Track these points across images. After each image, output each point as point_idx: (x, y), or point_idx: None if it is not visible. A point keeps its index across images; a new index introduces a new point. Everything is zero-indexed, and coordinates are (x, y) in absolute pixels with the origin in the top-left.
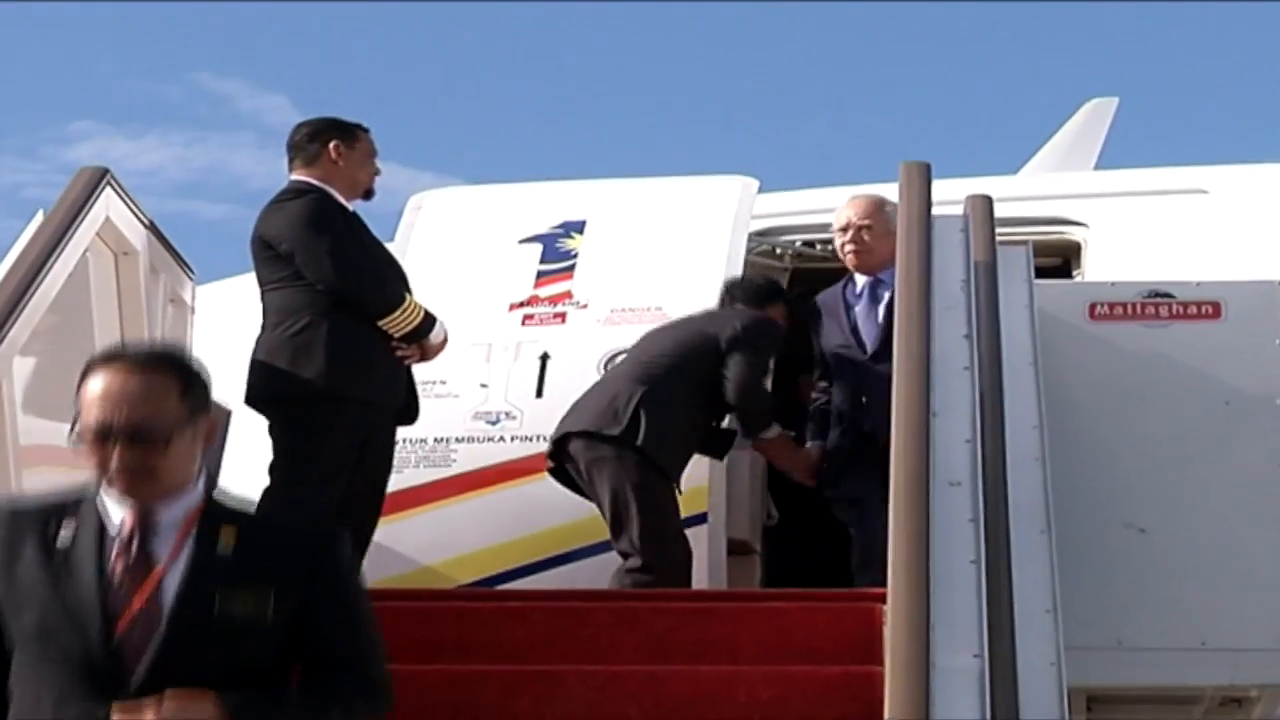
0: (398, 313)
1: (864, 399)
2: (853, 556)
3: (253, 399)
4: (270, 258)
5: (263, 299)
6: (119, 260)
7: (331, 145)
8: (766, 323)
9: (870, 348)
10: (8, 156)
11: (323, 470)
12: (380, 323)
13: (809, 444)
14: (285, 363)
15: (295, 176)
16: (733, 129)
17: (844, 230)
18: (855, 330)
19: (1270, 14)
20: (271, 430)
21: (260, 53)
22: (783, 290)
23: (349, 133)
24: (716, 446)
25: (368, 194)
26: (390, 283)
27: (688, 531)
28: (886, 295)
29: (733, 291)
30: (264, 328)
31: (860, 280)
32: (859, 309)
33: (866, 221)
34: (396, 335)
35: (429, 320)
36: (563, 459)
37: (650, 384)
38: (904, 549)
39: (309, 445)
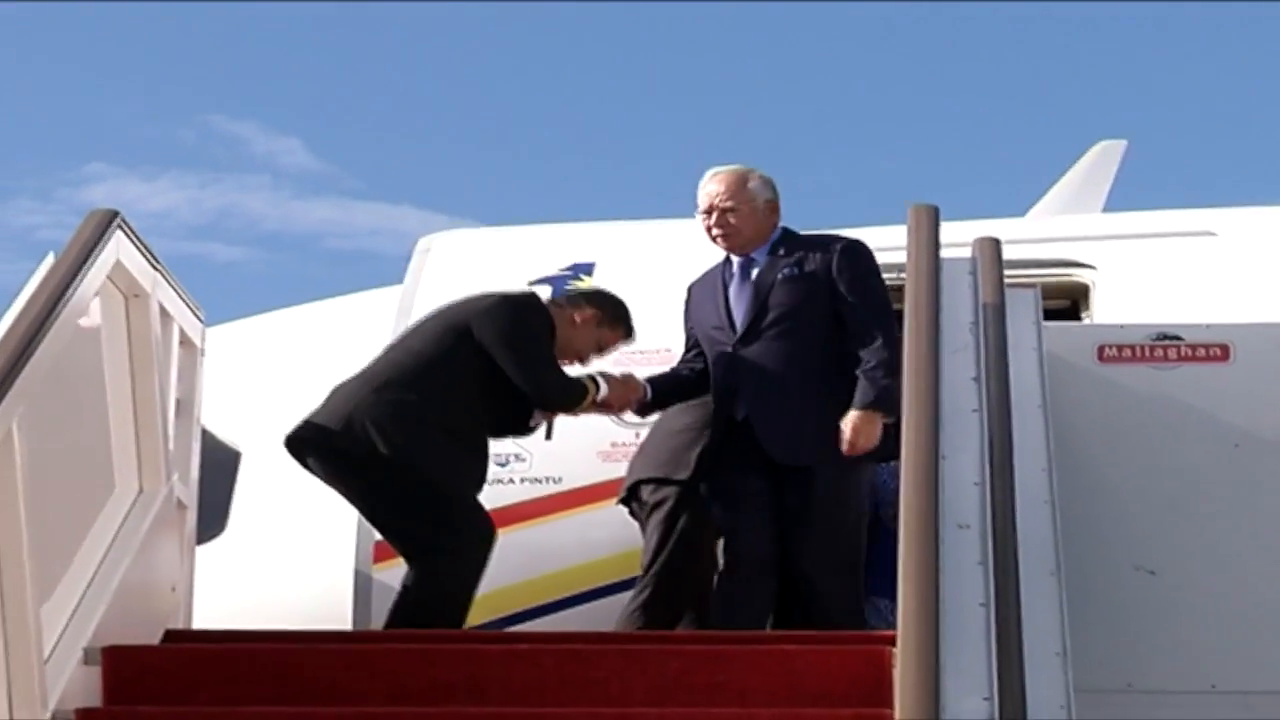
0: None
1: (734, 384)
2: (722, 555)
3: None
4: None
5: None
6: (129, 303)
7: (582, 315)
8: None
9: (740, 328)
10: (22, 199)
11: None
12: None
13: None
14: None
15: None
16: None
17: (707, 213)
18: (729, 311)
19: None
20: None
21: (274, 95)
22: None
23: (615, 320)
24: None
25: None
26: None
27: None
28: (756, 273)
29: None
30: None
31: (735, 260)
32: (733, 289)
33: (730, 203)
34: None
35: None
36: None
37: None
38: (913, 591)
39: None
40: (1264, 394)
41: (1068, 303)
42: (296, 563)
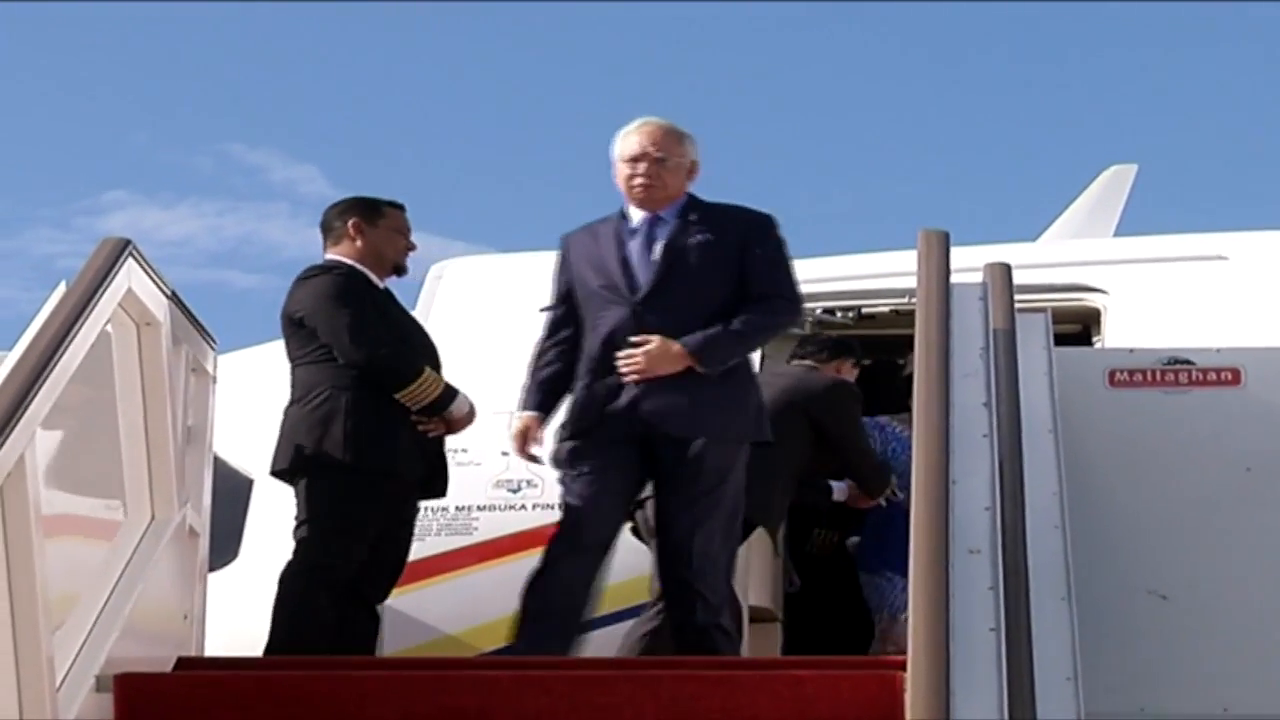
0: (414, 385)
1: (630, 347)
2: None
3: (277, 470)
4: (297, 333)
5: (291, 374)
6: (141, 331)
7: (351, 223)
8: (844, 385)
9: (644, 289)
10: (41, 227)
11: (346, 539)
12: (397, 395)
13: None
14: (306, 435)
15: (327, 255)
16: (755, 198)
17: (635, 160)
18: (628, 270)
19: None
20: (296, 500)
21: (292, 124)
22: (853, 347)
23: (372, 209)
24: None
25: (398, 270)
26: (406, 356)
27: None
28: (667, 234)
29: (804, 347)
30: (290, 401)
31: (637, 216)
32: (634, 247)
33: (662, 154)
34: (415, 408)
35: (449, 393)
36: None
37: None
38: (924, 616)
39: (331, 515)
40: (1275, 418)
41: (1079, 327)
42: None
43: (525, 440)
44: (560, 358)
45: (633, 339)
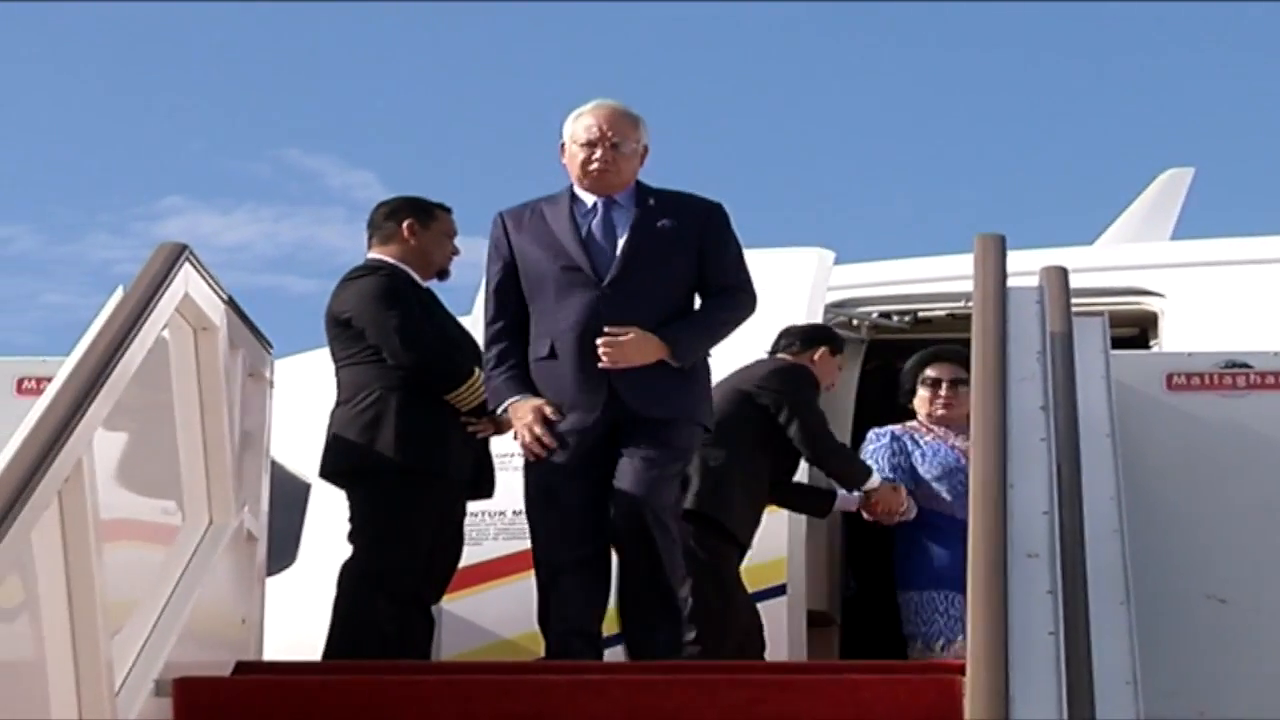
0: (463, 387)
1: (597, 329)
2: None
3: (327, 473)
4: (342, 334)
5: (336, 375)
6: (198, 335)
7: (406, 224)
8: (797, 369)
9: (610, 272)
10: (99, 233)
11: (400, 542)
12: (447, 397)
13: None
14: (357, 437)
15: (371, 254)
16: (810, 202)
17: (590, 145)
18: (589, 252)
19: None
20: (349, 503)
21: (348, 129)
22: (829, 333)
23: (425, 212)
24: (813, 505)
25: (442, 274)
26: (457, 358)
27: (768, 603)
28: (631, 219)
29: (780, 339)
30: (336, 404)
31: (590, 199)
32: (593, 229)
33: (619, 139)
34: (464, 410)
35: None
36: None
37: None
38: (982, 621)
39: (385, 519)
40: None
41: (1136, 331)
42: None
43: (548, 423)
44: (518, 338)
45: (609, 328)
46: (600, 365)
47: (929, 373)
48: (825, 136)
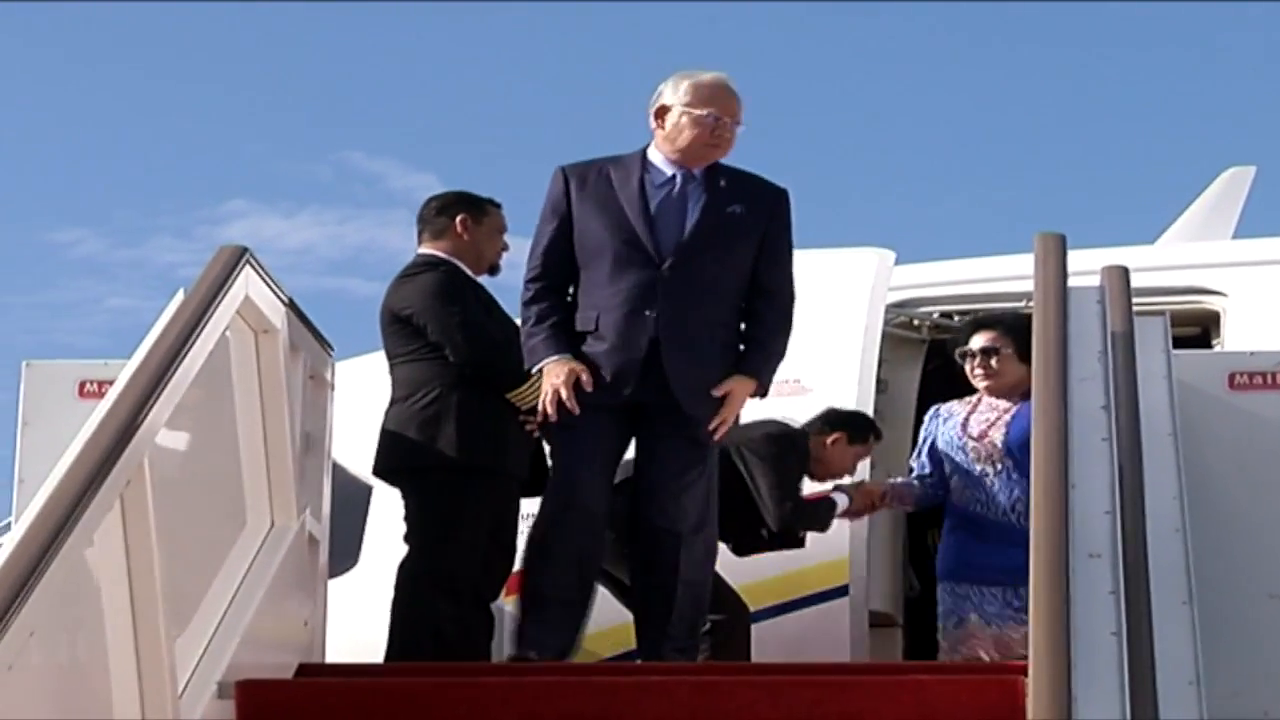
0: (525, 386)
1: (649, 313)
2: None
3: (382, 470)
4: (401, 331)
5: (391, 372)
6: (259, 338)
7: (459, 219)
8: (788, 439)
9: (672, 257)
10: (163, 236)
11: (459, 540)
12: (508, 395)
13: None
14: (415, 435)
15: (423, 250)
16: (871, 202)
17: (720, 120)
18: (654, 230)
19: None
20: (405, 502)
21: (410, 132)
22: (856, 422)
23: (478, 207)
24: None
25: (493, 269)
26: (516, 355)
27: (831, 604)
28: (701, 198)
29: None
30: (393, 401)
31: (669, 170)
32: (661, 204)
33: (736, 120)
34: (523, 408)
35: None
36: None
37: None
38: (1045, 621)
39: (444, 517)
40: None
41: (1198, 330)
42: None
43: (579, 389)
44: (562, 300)
45: (715, 391)
46: (716, 437)
47: (967, 346)
48: (886, 139)
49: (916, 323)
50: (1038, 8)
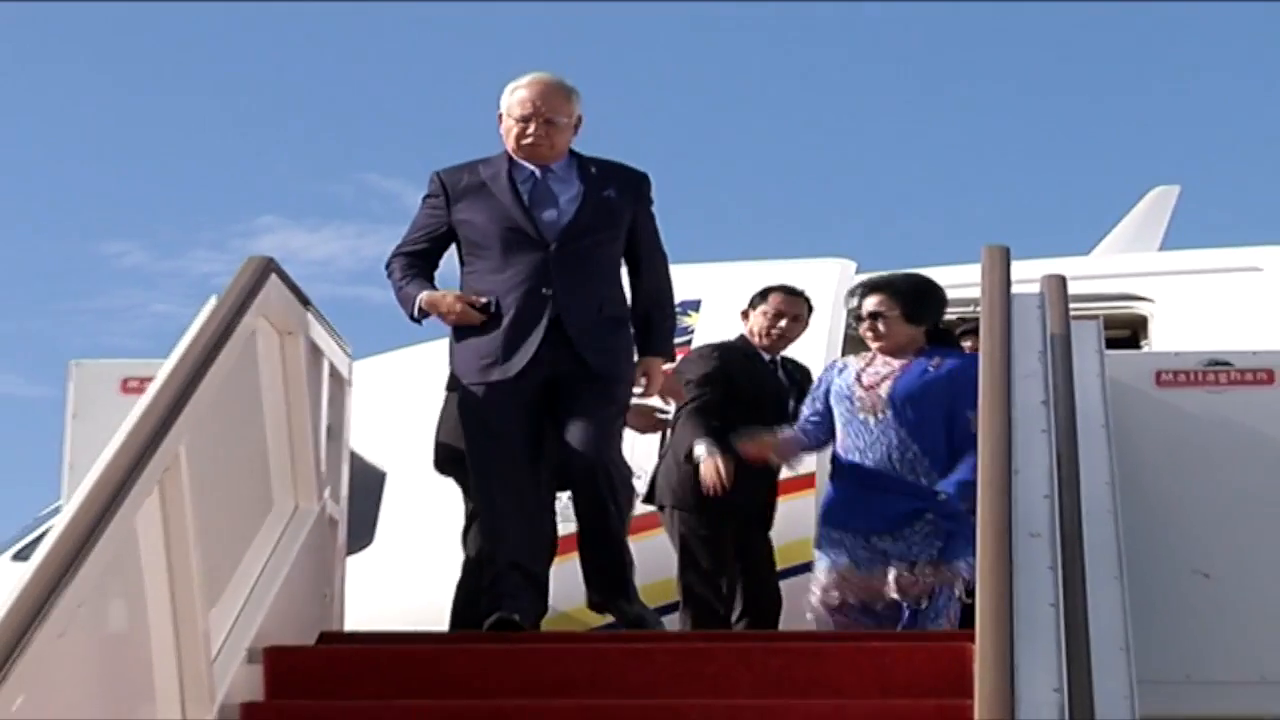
0: None
1: (548, 289)
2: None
3: (443, 461)
4: None
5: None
6: (283, 339)
7: None
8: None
9: (555, 235)
10: (200, 249)
11: None
12: None
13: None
14: None
15: None
16: (835, 216)
17: (524, 120)
18: (532, 217)
19: None
20: (465, 490)
21: (420, 155)
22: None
23: None
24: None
25: None
26: None
27: (799, 579)
28: (575, 186)
29: None
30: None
31: (529, 167)
32: (533, 194)
33: (552, 114)
34: None
35: None
36: None
37: None
38: (990, 594)
39: None
40: None
41: (1128, 333)
42: (437, 571)
43: (465, 310)
44: (425, 263)
45: (637, 377)
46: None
47: (859, 309)
48: (847, 155)
49: None
50: (985, 43)
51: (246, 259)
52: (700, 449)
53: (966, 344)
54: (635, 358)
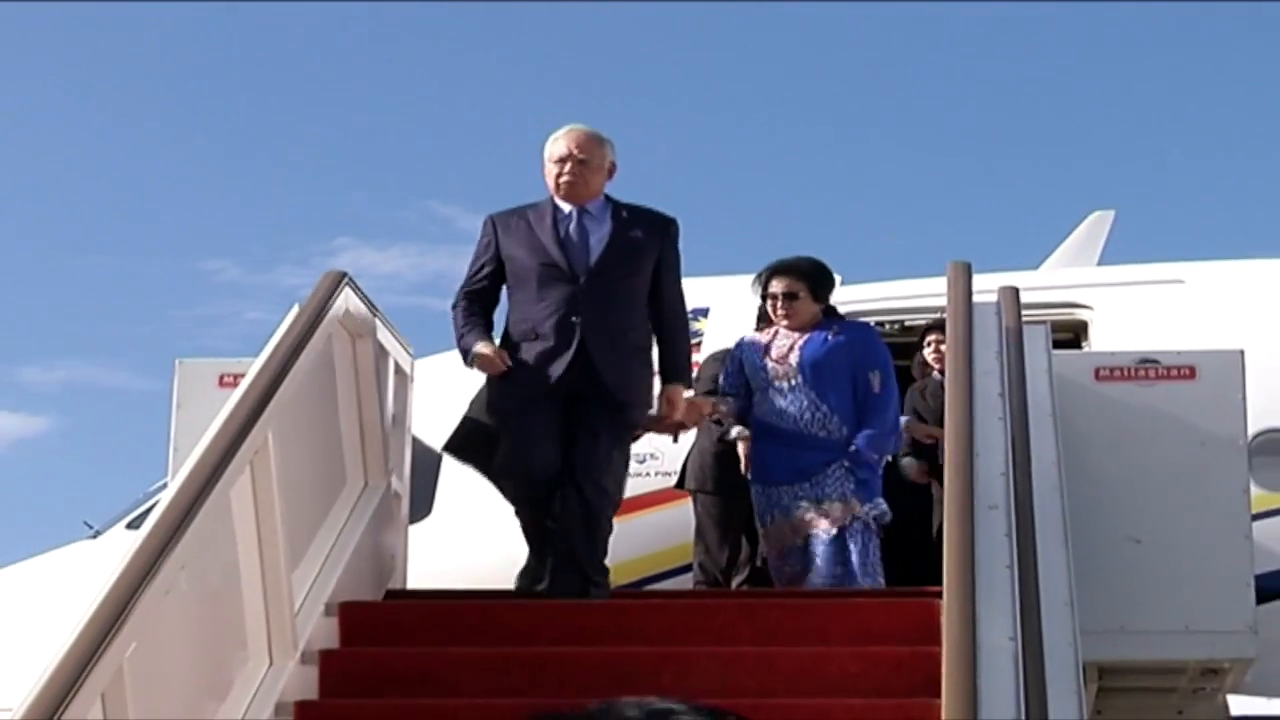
0: None
1: (576, 319)
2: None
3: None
4: None
5: None
6: (355, 342)
7: None
8: None
9: (586, 270)
10: (287, 265)
11: None
12: None
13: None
14: None
15: None
16: (821, 234)
17: (561, 161)
18: (567, 252)
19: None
20: None
21: (473, 185)
22: None
23: None
24: None
25: None
26: None
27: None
28: (606, 227)
29: None
30: None
31: (566, 207)
32: (570, 232)
33: (585, 156)
34: None
35: None
36: None
37: None
38: (955, 557)
39: None
40: (1222, 404)
41: (1071, 335)
42: (487, 537)
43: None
44: (485, 311)
45: (655, 401)
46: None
47: (770, 288)
48: (834, 181)
49: None
50: (944, 71)
51: (324, 273)
52: (734, 433)
53: (932, 337)
54: (655, 383)
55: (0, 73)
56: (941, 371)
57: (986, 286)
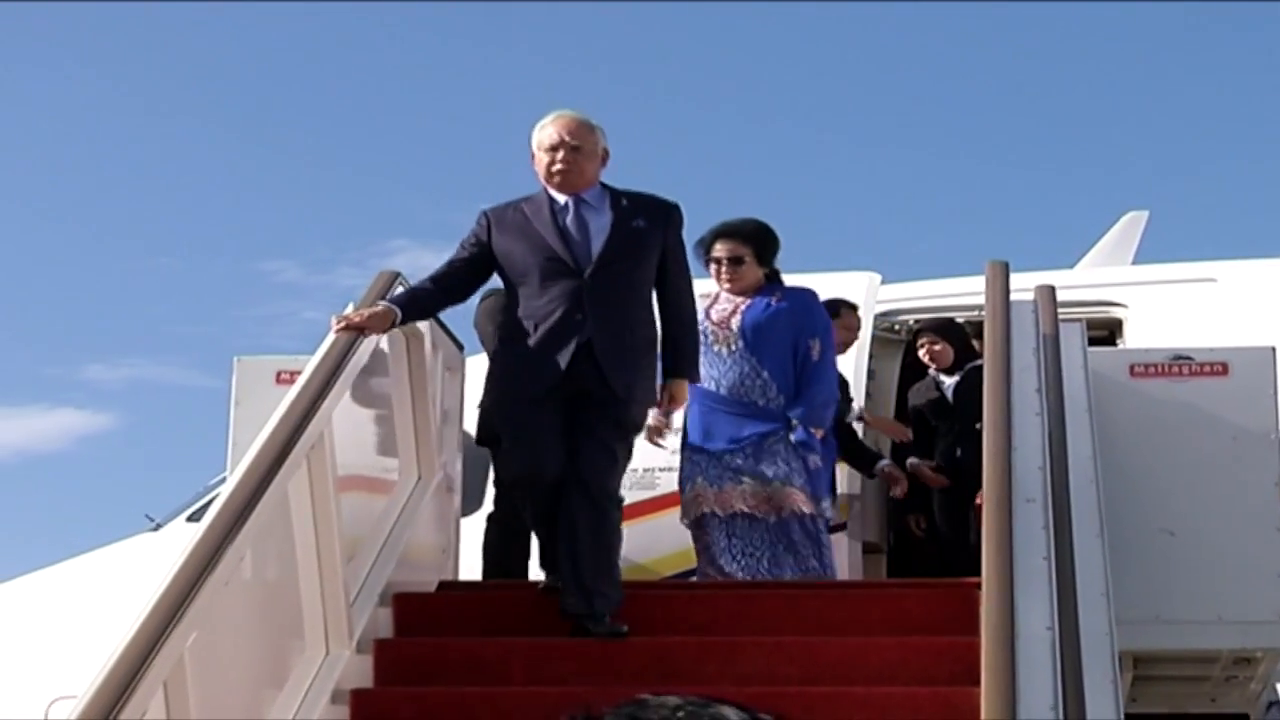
0: None
1: (582, 314)
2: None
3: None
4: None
5: None
6: (408, 339)
7: None
8: None
9: (589, 263)
10: (345, 266)
11: None
12: None
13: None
14: None
15: None
16: (865, 234)
17: (553, 149)
18: (569, 245)
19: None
20: None
21: (527, 186)
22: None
23: None
24: None
25: None
26: None
27: (836, 536)
28: (606, 217)
29: None
30: None
31: (561, 198)
32: (568, 224)
33: (577, 143)
34: None
35: None
36: None
37: None
38: (994, 549)
39: None
40: (1255, 400)
41: (1106, 333)
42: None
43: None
44: (443, 291)
45: (659, 396)
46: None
47: (713, 252)
48: (878, 178)
49: (897, 328)
50: (982, 76)
51: (378, 273)
52: None
53: (923, 339)
54: (660, 378)
55: (71, 84)
56: (941, 371)
57: (1024, 285)
